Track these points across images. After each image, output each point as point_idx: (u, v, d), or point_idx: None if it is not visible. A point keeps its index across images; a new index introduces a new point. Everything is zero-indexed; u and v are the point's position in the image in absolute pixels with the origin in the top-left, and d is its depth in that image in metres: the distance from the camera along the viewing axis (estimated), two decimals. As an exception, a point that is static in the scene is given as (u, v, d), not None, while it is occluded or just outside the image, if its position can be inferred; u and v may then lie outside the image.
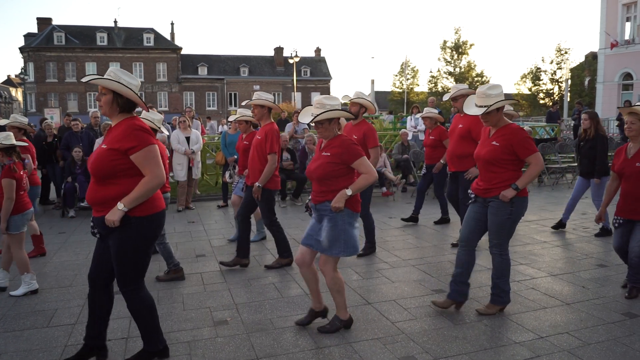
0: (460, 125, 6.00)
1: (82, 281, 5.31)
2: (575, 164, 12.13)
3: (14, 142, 4.96)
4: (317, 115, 3.69)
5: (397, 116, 21.34)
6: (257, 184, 5.36)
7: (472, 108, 4.10)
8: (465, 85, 6.32)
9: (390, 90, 50.65)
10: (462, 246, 4.20)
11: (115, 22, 52.99)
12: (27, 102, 50.41)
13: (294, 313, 4.31)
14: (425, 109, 8.04)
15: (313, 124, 3.78)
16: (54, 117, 25.72)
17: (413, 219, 7.84)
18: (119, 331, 4.02)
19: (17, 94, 78.60)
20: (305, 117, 3.95)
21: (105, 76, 3.15)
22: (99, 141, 8.49)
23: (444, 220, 7.81)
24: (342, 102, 5.57)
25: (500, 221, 4.01)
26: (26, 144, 6.41)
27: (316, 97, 3.92)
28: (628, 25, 27.20)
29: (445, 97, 6.37)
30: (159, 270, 5.66)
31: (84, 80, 3.39)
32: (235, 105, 53.44)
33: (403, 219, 7.96)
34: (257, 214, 6.74)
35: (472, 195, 4.19)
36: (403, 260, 5.84)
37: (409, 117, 13.70)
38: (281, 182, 10.16)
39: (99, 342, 3.50)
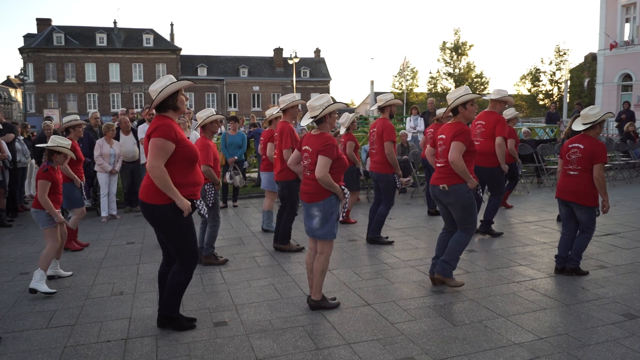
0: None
1: (81, 282, 5.31)
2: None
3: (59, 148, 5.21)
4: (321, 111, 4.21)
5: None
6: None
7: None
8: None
9: (389, 91, 50.66)
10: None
11: (115, 22, 53.03)
12: (26, 102, 50.40)
13: (293, 314, 4.31)
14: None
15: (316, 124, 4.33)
16: (53, 118, 25.57)
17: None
18: (118, 332, 4.02)
19: (17, 94, 78.56)
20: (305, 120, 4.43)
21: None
22: (99, 142, 8.48)
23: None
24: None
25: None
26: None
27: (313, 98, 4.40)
28: (627, 26, 27.19)
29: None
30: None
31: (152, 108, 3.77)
32: (234, 106, 53.45)
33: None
34: (266, 205, 7.42)
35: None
36: (403, 262, 5.84)
37: (408, 118, 13.69)
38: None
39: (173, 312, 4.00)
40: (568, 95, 31.30)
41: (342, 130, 7.58)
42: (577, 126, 5.03)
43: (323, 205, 4.17)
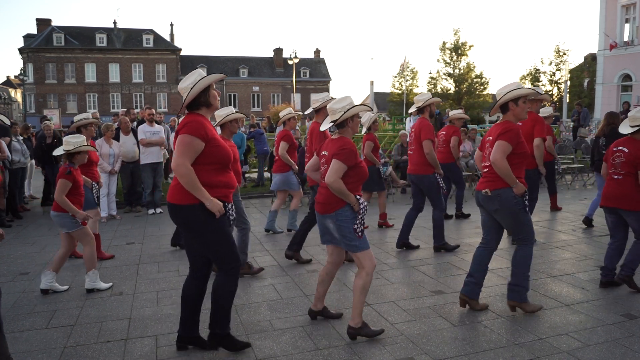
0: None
1: (81, 282, 5.29)
2: (576, 165, 12.15)
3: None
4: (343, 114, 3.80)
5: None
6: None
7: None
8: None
9: (389, 91, 50.68)
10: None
11: (115, 23, 52.99)
12: (26, 103, 50.38)
13: (293, 314, 4.31)
14: (454, 111, 8.43)
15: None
16: (53, 118, 25.58)
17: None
18: (118, 332, 4.02)
19: (17, 95, 78.53)
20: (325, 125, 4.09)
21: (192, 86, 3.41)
22: (99, 142, 8.47)
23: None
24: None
25: None
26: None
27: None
28: (627, 26, 27.20)
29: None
30: (158, 271, 5.66)
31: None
32: (234, 107, 53.38)
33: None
34: (293, 204, 7.36)
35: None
36: (402, 262, 5.84)
37: (408, 119, 13.68)
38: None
39: (191, 333, 3.67)
40: (568, 95, 31.33)
41: (363, 130, 7.49)
42: (624, 129, 4.75)
43: (336, 217, 3.74)
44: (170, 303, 4.65)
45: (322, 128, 4.15)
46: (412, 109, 6.45)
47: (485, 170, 4.22)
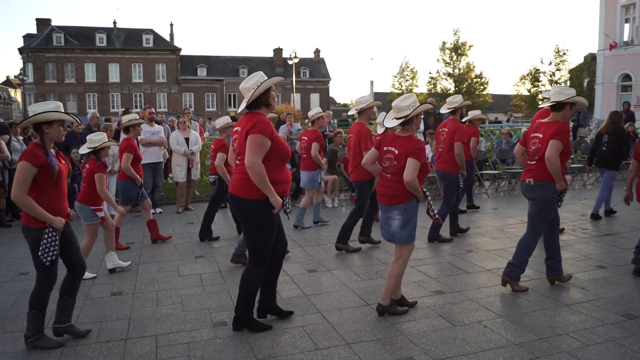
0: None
1: (81, 282, 5.29)
2: (576, 165, 12.14)
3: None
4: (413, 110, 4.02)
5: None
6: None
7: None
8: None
9: (389, 91, 50.69)
10: None
11: (115, 23, 52.99)
12: (26, 103, 50.40)
13: (293, 314, 4.30)
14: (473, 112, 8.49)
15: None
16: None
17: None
18: (117, 332, 4.02)
19: (16, 95, 78.53)
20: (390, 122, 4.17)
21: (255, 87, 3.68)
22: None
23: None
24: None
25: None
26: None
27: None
28: (627, 26, 27.22)
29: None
30: (158, 271, 5.67)
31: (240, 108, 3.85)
32: (234, 107, 53.42)
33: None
34: (303, 202, 7.61)
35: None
36: (402, 262, 5.83)
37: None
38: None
39: (269, 304, 4.13)
40: (568, 95, 31.28)
41: (380, 130, 7.58)
42: None
43: (405, 208, 4.06)
44: (170, 303, 4.65)
45: (387, 124, 4.17)
46: (443, 110, 6.89)
47: (533, 162, 4.58)
